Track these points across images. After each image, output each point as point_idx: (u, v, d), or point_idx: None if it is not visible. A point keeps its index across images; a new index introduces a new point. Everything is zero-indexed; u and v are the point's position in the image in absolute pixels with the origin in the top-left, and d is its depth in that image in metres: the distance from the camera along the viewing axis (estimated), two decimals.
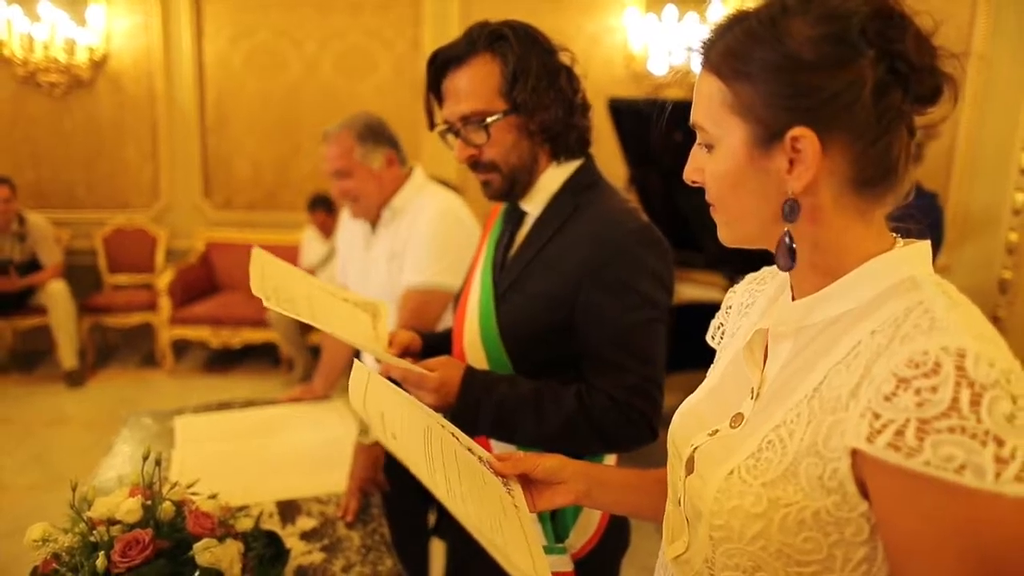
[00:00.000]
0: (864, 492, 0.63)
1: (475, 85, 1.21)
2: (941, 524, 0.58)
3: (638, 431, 1.19)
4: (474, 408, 1.17)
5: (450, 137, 1.27)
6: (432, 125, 1.29)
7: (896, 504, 0.60)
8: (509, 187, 1.27)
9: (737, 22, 0.68)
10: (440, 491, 0.72)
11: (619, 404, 1.17)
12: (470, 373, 1.19)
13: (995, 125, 4.19)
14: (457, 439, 0.93)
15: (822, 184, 0.67)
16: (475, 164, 1.25)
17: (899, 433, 0.57)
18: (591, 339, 1.20)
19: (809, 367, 0.69)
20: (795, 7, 0.65)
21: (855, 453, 0.62)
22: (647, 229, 1.21)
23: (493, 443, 1.27)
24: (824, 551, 0.65)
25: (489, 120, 1.21)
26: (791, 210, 0.67)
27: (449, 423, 0.97)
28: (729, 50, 0.68)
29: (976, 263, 4.33)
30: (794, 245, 0.69)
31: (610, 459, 1.33)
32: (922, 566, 0.60)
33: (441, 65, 1.24)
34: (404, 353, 1.25)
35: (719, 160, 0.71)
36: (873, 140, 0.65)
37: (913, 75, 0.64)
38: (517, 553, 0.73)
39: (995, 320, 4.26)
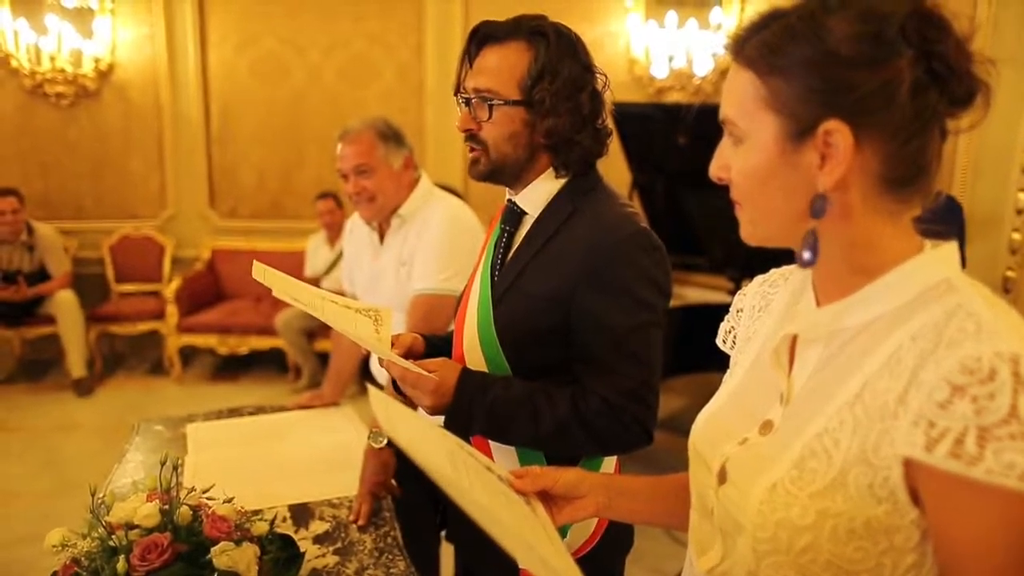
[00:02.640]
0: (915, 499, 0.62)
1: (500, 66, 1.22)
2: (1002, 532, 0.58)
3: (632, 435, 1.19)
4: (468, 409, 1.18)
5: (462, 105, 1.29)
6: (458, 90, 1.30)
7: (955, 512, 0.60)
8: (492, 172, 1.28)
9: (774, 19, 0.68)
10: (475, 513, 0.70)
11: (613, 407, 1.17)
12: (465, 374, 1.20)
13: (997, 125, 4.19)
14: (476, 459, 0.92)
15: (853, 182, 0.66)
16: (470, 137, 1.27)
17: (959, 442, 0.57)
18: (586, 342, 1.20)
19: (846, 373, 0.68)
20: (835, 5, 0.65)
21: (908, 462, 0.61)
22: (644, 234, 1.22)
23: (492, 446, 1.29)
24: (873, 559, 0.65)
25: (495, 102, 1.22)
26: (820, 207, 0.66)
27: (466, 444, 0.97)
28: (766, 45, 0.67)
29: (980, 263, 4.32)
30: (818, 243, 0.67)
31: (609, 462, 1.34)
32: (980, 574, 0.60)
33: (481, 39, 1.25)
34: (406, 355, 1.26)
35: (748, 155, 0.70)
36: (907, 139, 0.65)
37: (951, 77, 0.64)
38: (556, 570, 0.72)
39: None
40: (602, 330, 1.19)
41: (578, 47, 1.24)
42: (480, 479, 0.86)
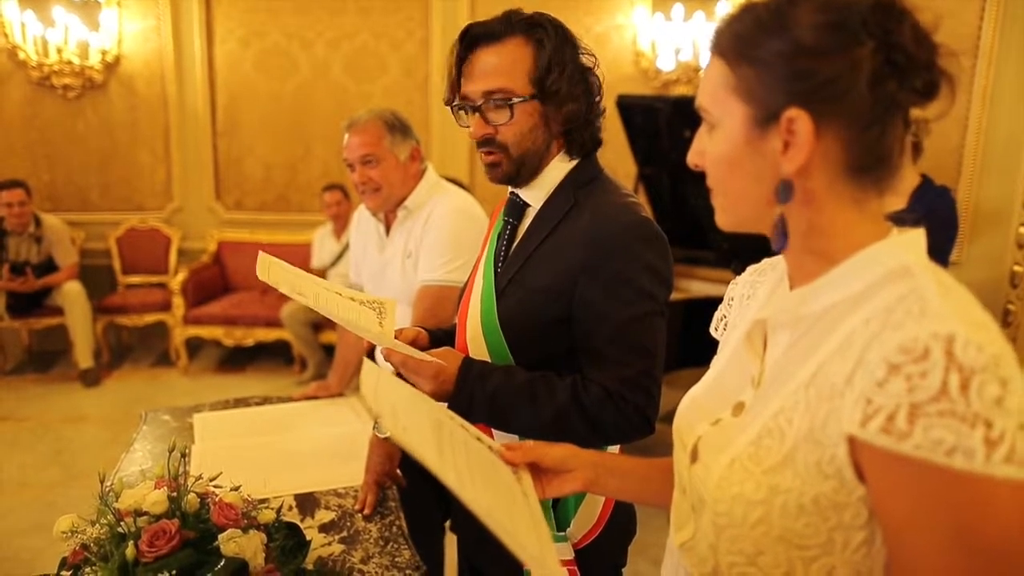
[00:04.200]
0: (861, 477, 0.64)
1: (506, 64, 1.21)
2: (933, 506, 0.59)
3: (632, 424, 1.20)
4: (469, 397, 1.19)
5: (461, 114, 1.28)
6: (453, 99, 1.28)
7: (889, 487, 0.62)
8: (515, 171, 1.27)
9: (747, 11, 0.71)
10: (451, 479, 0.74)
11: (613, 397, 1.18)
12: (467, 363, 1.21)
13: (1004, 120, 4.18)
14: (467, 430, 0.95)
15: (816, 168, 0.68)
16: (487, 143, 1.26)
17: (890, 418, 0.59)
18: (587, 332, 1.21)
19: (806, 355, 0.70)
20: None
21: (851, 439, 0.63)
22: (645, 223, 1.22)
23: (495, 433, 1.29)
24: (824, 535, 0.67)
25: (515, 100, 1.21)
26: (785, 191, 0.69)
27: (457, 416, 0.99)
28: (736, 35, 0.70)
29: (987, 257, 4.32)
30: (787, 227, 0.71)
31: (614, 449, 1.35)
32: (916, 547, 0.61)
33: (472, 41, 1.24)
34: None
35: (719, 141, 0.73)
36: (866, 127, 0.67)
37: (909, 67, 0.65)
38: (527, 539, 0.75)
39: (1006, 314, 4.25)
40: (602, 320, 1.19)
41: (568, 32, 1.25)
42: (467, 450, 0.87)
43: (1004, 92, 4.13)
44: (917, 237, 0.71)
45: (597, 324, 1.20)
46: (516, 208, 1.33)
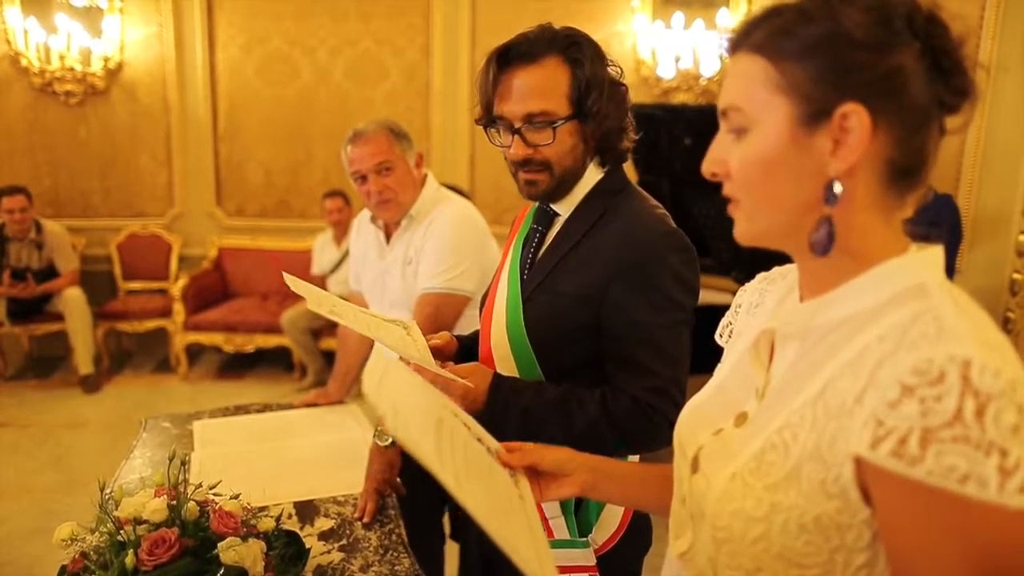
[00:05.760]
0: (867, 498, 0.63)
1: (546, 85, 1.21)
2: (943, 534, 0.58)
3: (661, 432, 1.20)
4: (501, 415, 1.20)
5: (494, 132, 1.27)
6: (487, 118, 1.26)
7: (898, 513, 0.60)
8: (555, 188, 1.27)
9: (787, 8, 0.68)
10: (450, 482, 0.73)
11: (641, 405, 1.19)
12: (497, 380, 1.22)
13: (1004, 128, 4.19)
14: (468, 428, 0.95)
15: (860, 170, 0.66)
16: (526, 163, 1.25)
17: (902, 442, 0.57)
18: (617, 339, 1.22)
19: (814, 369, 0.68)
20: None
21: (858, 460, 0.61)
22: (675, 234, 1.24)
23: None
24: (825, 555, 0.66)
25: (557, 123, 1.21)
26: (835, 192, 0.65)
27: (461, 411, 0.99)
28: (777, 30, 0.67)
29: (986, 265, 4.32)
30: (835, 230, 0.66)
31: (633, 459, 1.35)
32: (924, 574, 0.60)
33: (508, 61, 1.22)
34: (436, 356, 1.26)
35: (754, 142, 0.69)
36: (916, 129, 0.65)
37: (955, 72, 0.65)
38: (522, 544, 0.74)
39: (1006, 322, 4.25)
40: (634, 326, 1.20)
41: (598, 47, 1.26)
42: (466, 451, 0.87)
43: (1003, 100, 4.14)
44: (935, 255, 0.69)
45: (628, 330, 1.21)
46: (545, 216, 1.34)
